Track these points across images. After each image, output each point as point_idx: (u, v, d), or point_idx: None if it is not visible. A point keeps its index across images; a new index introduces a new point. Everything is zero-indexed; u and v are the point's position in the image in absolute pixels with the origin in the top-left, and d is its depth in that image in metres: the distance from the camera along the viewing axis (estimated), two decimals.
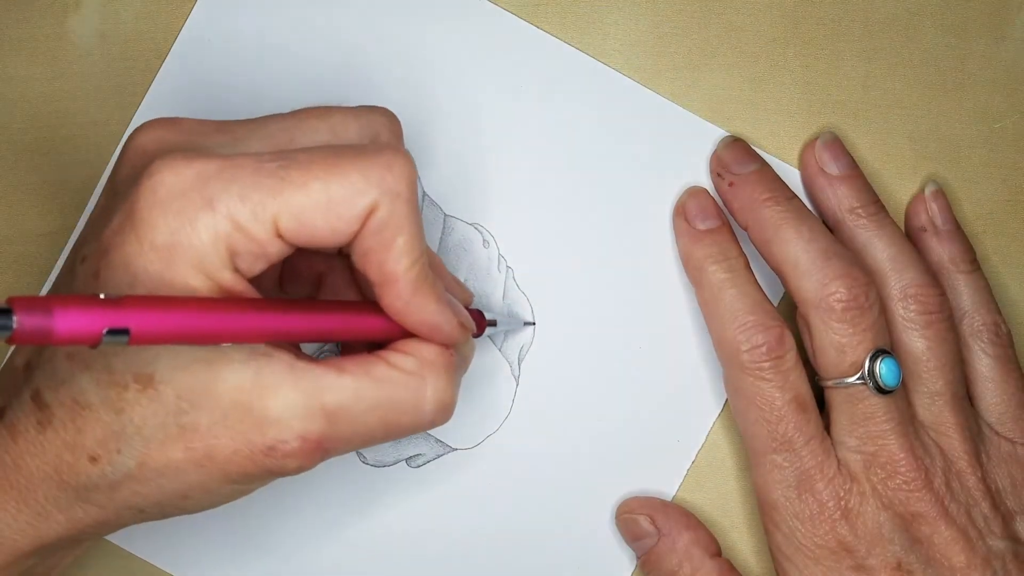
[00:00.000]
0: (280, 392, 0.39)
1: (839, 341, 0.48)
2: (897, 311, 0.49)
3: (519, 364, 0.52)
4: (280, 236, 0.39)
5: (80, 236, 0.44)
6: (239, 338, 0.39)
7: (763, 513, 0.49)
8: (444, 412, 0.42)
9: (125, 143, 0.42)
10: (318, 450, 0.40)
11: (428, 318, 0.41)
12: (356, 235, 0.39)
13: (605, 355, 0.52)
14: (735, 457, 0.52)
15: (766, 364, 0.48)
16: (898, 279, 0.49)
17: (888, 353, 0.48)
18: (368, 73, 0.51)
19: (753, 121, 0.52)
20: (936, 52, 0.53)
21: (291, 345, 0.41)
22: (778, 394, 0.48)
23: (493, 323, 0.49)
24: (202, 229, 0.38)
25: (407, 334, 0.42)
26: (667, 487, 0.52)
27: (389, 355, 0.42)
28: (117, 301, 0.36)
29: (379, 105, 0.44)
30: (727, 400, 0.52)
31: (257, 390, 0.39)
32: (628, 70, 0.52)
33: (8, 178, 0.51)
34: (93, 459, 0.40)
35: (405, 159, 0.40)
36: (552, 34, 0.52)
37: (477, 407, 0.51)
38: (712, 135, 0.52)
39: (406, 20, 0.51)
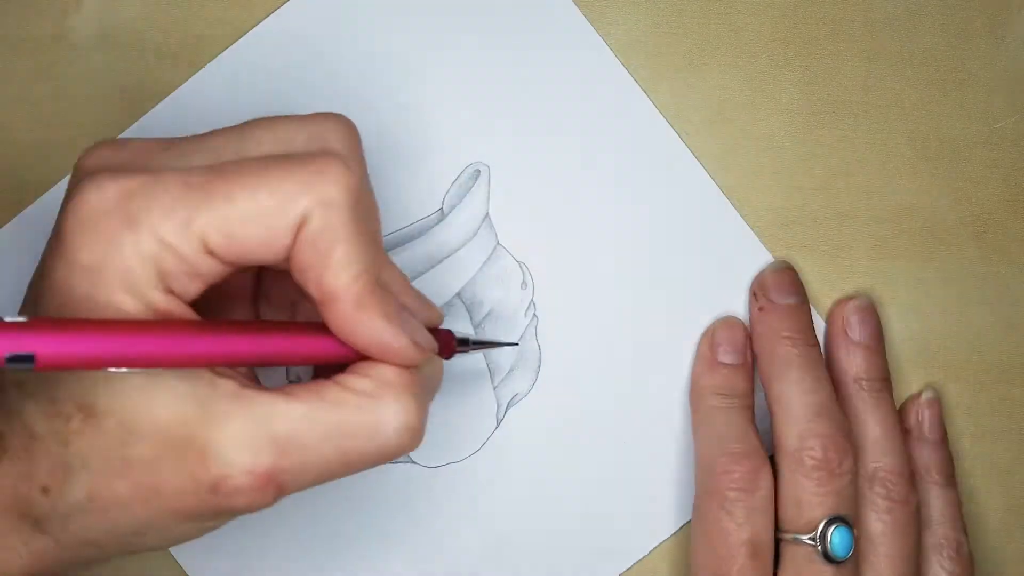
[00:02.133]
0: (225, 422, 0.37)
1: (800, 496, 0.48)
2: (864, 489, 0.49)
3: (506, 408, 0.52)
4: (210, 252, 0.37)
5: None
6: (167, 362, 0.36)
7: None
8: (410, 435, 0.39)
9: (74, 164, 0.41)
10: (269, 484, 0.38)
11: (374, 336, 0.38)
12: (290, 249, 0.37)
13: (591, 434, 0.52)
14: None
15: (733, 494, 0.48)
16: (874, 460, 0.50)
17: (847, 523, 0.48)
18: (460, 81, 0.51)
19: (753, 121, 0.52)
20: (936, 52, 0.53)
21: (241, 373, 0.39)
22: (734, 529, 0.47)
23: (465, 342, 0.46)
24: (126, 248, 0.36)
25: (365, 357, 0.39)
26: None
27: (345, 378, 0.39)
28: (22, 324, 0.34)
29: (335, 112, 0.41)
30: (683, 525, 0.52)
31: (200, 421, 0.37)
32: (628, 70, 0.52)
33: (8, 178, 0.51)
34: (44, 490, 0.38)
35: (343, 165, 0.37)
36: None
37: (452, 432, 0.51)
38: (763, 259, 0.52)
39: (482, 62, 0.51)
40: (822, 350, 0.52)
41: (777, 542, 0.49)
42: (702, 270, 0.52)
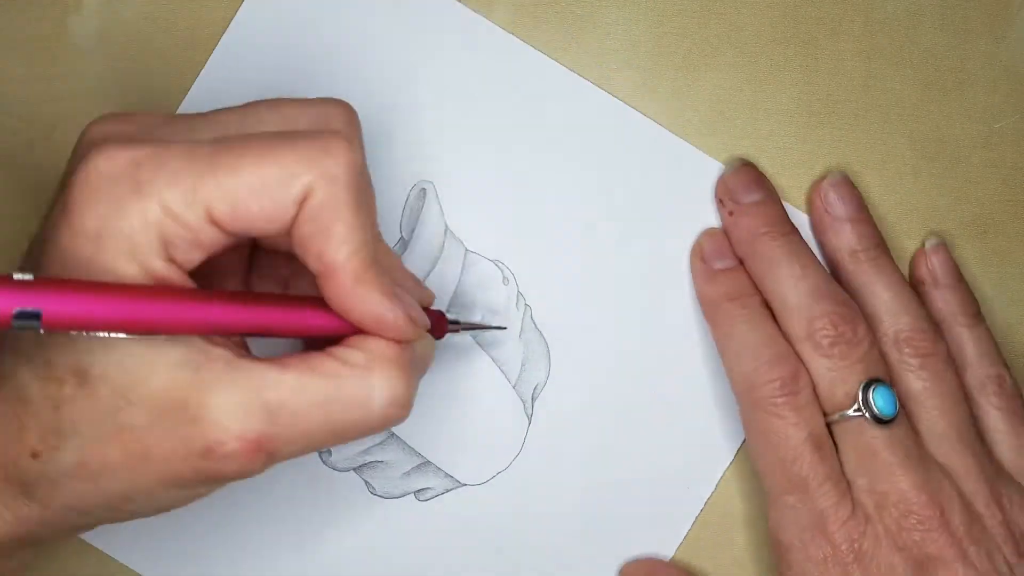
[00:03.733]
0: (218, 389, 0.38)
1: (830, 375, 0.48)
2: (892, 355, 0.49)
3: (532, 402, 0.51)
4: (214, 223, 0.38)
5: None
6: (165, 328, 0.37)
7: (776, 554, 0.48)
8: (396, 407, 0.40)
9: (79, 136, 0.42)
10: (259, 451, 0.38)
11: (371, 309, 0.39)
12: (293, 222, 0.38)
13: (620, 398, 0.52)
14: (745, 506, 0.52)
15: (780, 400, 0.47)
16: (892, 323, 0.49)
17: (882, 382, 0.47)
18: (388, 105, 0.51)
19: (753, 121, 0.52)
20: (936, 52, 0.53)
21: (234, 343, 0.40)
22: (793, 431, 0.47)
23: (456, 323, 0.48)
24: (132, 214, 0.37)
25: (359, 331, 0.41)
26: (675, 534, 0.52)
27: (337, 350, 0.40)
28: (29, 282, 0.34)
29: (337, 98, 0.43)
30: (738, 448, 0.52)
31: (194, 387, 0.38)
32: (628, 70, 0.52)
33: (7, 178, 0.51)
34: (34, 454, 0.39)
35: (347, 143, 0.38)
36: (553, 35, 0.52)
37: (488, 443, 0.51)
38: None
39: (430, 55, 0.51)
40: (813, 240, 0.51)
41: (828, 427, 0.48)
42: (662, 207, 0.52)
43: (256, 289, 0.46)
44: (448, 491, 0.51)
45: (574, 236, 0.52)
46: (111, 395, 0.38)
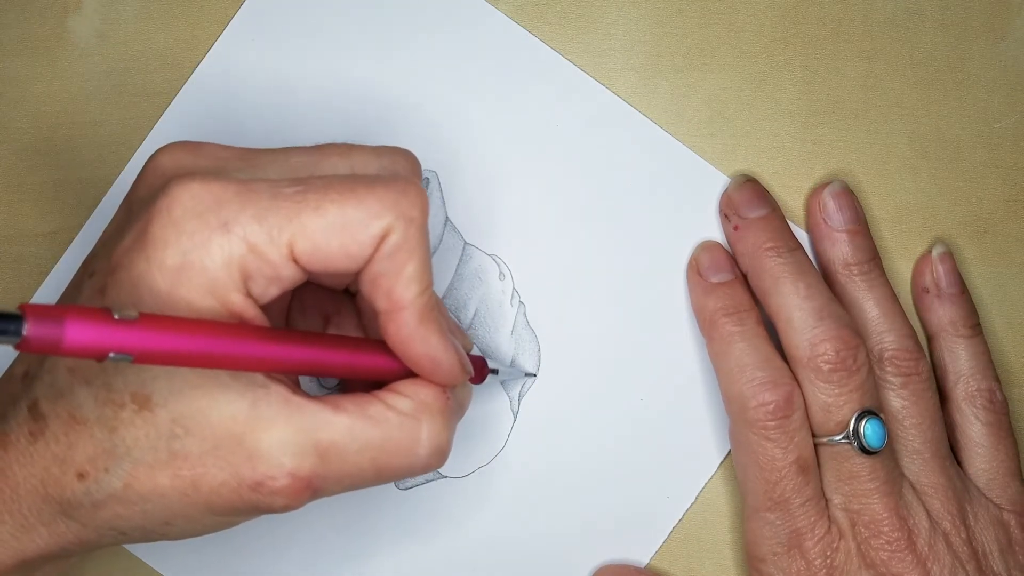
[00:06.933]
0: (274, 426, 0.39)
1: (825, 401, 0.48)
2: (875, 370, 0.50)
3: (519, 400, 0.52)
4: (295, 260, 0.39)
5: (91, 251, 0.43)
6: (243, 366, 0.38)
7: (749, 567, 0.50)
8: (438, 456, 0.42)
9: (145, 162, 0.42)
10: (307, 489, 0.40)
11: (430, 351, 0.41)
12: (368, 260, 0.39)
13: (606, 402, 0.52)
14: (726, 518, 0.52)
15: (771, 423, 0.48)
16: (877, 341, 0.50)
17: (875, 414, 0.48)
18: (394, 92, 0.51)
19: (753, 121, 0.52)
20: (936, 52, 0.53)
21: (289, 379, 0.41)
22: (780, 454, 0.48)
23: (495, 371, 0.49)
24: (216, 251, 0.38)
25: (407, 375, 0.42)
26: (652, 542, 0.52)
27: (386, 396, 0.41)
28: (131, 322, 0.35)
29: (402, 147, 0.44)
30: (721, 461, 0.52)
31: (251, 422, 0.39)
32: (628, 70, 0.52)
33: (8, 178, 0.51)
34: (80, 475, 0.39)
35: (419, 189, 0.40)
36: (554, 35, 0.52)
37: (472, 437, 0.51)
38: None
39: (437, 51, 0.51)
40: (808, 241, 0.52)
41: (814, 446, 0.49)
42: (663, 213, 0.52)
43: (296, 322, 0.47)
44: (429, 481, 0.51)
45: (572, 236, 0.52)
46: (169, 422, 0.39)
